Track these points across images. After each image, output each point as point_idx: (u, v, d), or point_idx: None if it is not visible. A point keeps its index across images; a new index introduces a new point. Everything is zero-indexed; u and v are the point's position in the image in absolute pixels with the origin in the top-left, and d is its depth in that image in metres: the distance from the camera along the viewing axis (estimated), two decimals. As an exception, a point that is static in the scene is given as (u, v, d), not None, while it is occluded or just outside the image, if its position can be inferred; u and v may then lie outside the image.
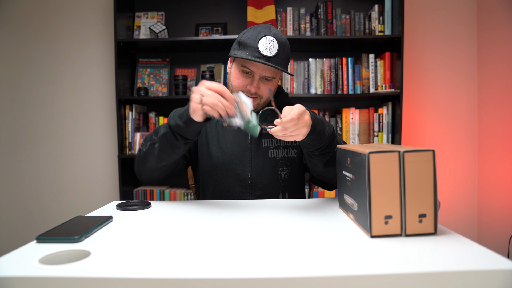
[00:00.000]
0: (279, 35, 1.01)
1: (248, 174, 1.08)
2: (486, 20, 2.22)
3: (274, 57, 0.98)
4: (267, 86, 1.04)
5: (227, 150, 1.10)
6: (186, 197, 2.19)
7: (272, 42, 0.98)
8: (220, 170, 1.09)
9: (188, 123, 0.85)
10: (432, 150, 0.61)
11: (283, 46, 1.01)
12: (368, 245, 0.59)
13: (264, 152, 1.10)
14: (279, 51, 0.99)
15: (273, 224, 0.74)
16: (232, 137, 1.11)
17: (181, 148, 0.93)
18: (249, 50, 0.99)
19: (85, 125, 2.37)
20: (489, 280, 0.48)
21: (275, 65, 0.97)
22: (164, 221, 0.77)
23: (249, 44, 0.99)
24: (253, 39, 0.99)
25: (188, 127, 0.86)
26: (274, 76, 1.03)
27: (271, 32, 1.00)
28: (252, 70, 1.01)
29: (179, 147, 0.92)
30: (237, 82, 1.04)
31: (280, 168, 1.11)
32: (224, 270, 0.50)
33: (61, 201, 2.38)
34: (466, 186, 2.34)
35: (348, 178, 0.74)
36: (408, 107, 2.32)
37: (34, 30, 2.34)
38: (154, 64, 2.32)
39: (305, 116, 0.81)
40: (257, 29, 1.01)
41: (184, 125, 0.86)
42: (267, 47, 0.98)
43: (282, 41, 1.01)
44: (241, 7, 2.23)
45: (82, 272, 0.49)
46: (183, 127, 0.87)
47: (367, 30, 2.17)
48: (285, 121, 0.76)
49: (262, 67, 1.00)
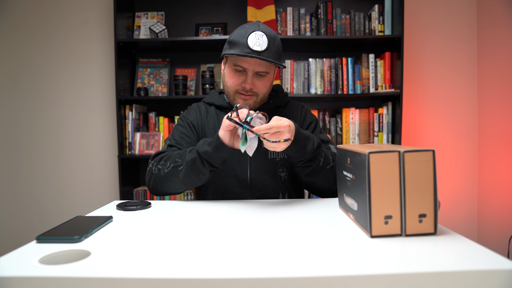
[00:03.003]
0: (267, 30, 1.01)
1: (247, 175, 1.08)
2: (486, 20, 2.22)
3: (264, 51, 0.98)
4: (262, 82, 1.04)
5: None
6: (186, 197, 2.19)
7: (261, 36, 0.98)
8: (220, 171, 1.08)
9: (217, 148, 0.88)
10: (432, 150, 0.61)
11: (273, 40, 1.01)
12: (368, 245, 0.59)
13: (264, 153, 1.09)
14: (269, 45, 0.99)
15: (273, 224, 0.74)
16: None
17: (206, 176, 0.95)
18: (239, 47, 0.99)
19: (85, 125, 2.37)
20: (489, 280, 0.48)
21: (266, 58, 0.97)
22: (164, 221, 0.77)
23: (239, 41, 0.99)
24: (242, 36, 0.99)
25: (217, 153, 0.88)
26: (267, 71, 1.03)
27: (260, 27, 1.00)
28: (245, 67, 1.01)
29: (205, 174, 0.94)
30: (231, 81, 1.04)
31: (280, 169, 1.10)
32: (224, 270, 0.50)
33: (61, 201, 2.38)
34: (466, 186, 2.34)
35: (348, 178, 0.74)
36: (408, 107, 2.32)
37: (34, 30, 2.34)
38: (154, 64, 2.32)
39: (284, 132, 0.82)
40: (245, 27, 1.02)
41: (212, 151, 0.88)
42: (257, 42, 0.98)
43: (272, 35, 1.01)
44: (241, 7, 2.23)
45: (82, 272, 0.49)
46: (211, 153, 0.89)
47: (367, 30, 2.17)
48: (256, 129, 0.80)
49: (254, 62, 1.00)
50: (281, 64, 1.01)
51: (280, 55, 1.05)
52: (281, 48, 1.06)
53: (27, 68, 2.36)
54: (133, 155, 2.15)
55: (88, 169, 2.38)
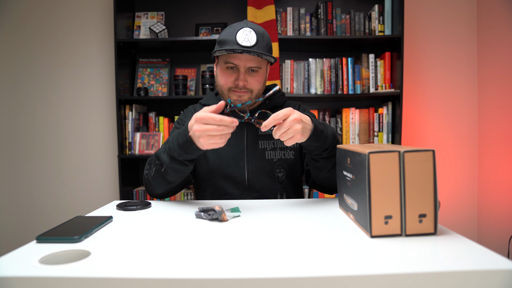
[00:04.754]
0: (255, 27, 1.02)
1: (245, 176, 1.08)
2: (486, 20, 2.22)
3: (254, 46, 0.99)
4: (255, 78, 1.04)
5: (223, 154, 1.09)
6: (186, 197, 2.19)
7: (249, 32, 1.00)
8: (217, 174, 1.09)
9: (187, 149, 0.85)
10: (432, 150, 0.61)
11: (262, 35, 1.02)
12: (368, 245, 0.59)
13: (261, 154, 1.09)
14: (258, 40, 1.00)
15: (273, 224, 0.74)
16: (228, 140, 1.10)
17: (191, 166, 0.92)
18: (228, 44, 1.00)
19: (85, 125, 2.37)
20: (489, 280, 0.48)
21: (256, 51, 0.97)
22: (164, 221, 0.77)
23: (228, 39, 1.00)
24: (231, 34, 1.00)
25: (186, 154, 0.86)
26: (259, 66, 1.03)
27: (247, 24, 1.02)
28: (236, 63, 1.01)
29: (188, 165, 0.91)
30: (224, 80, 1.04)
31: (277, 169, 1.10)
32: (224, 270, 0.50)
33: (61, 201, 2.38)
34: (466, 186, 2.34)
35: (348, 178, 0.74)
36: (408, 107, 2.32)
37: (34, 30, 2.34)
38: (154, 64, 2.32)
39: (293, 115, 0.80)
40: (233, 26, 1.03)
41: (184, 152, 0.85)
42: (245, 38, 0.99)
43: (260, 31, 1.02)
44: (241, 7, 2.23)
45: (82, 272, 0.49)
46: (184, 154, 0.86)
47: (367, 30, 2.17)
48: (265, 124, 0.78)
49: (245, 57, 1.00)
50: (272, 57, 1.02)
51: (270, 49, 1.05)
52: (270, 44, 1.06)
53: (27, 68, 2.36)
54: (133, 155, 2.15)
55: (88, 169, 2.38)
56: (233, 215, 0.80)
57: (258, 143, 1.10)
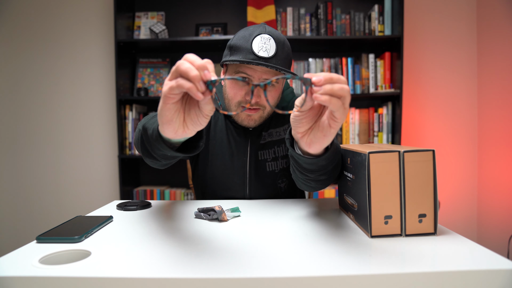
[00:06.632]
0: (275, 33, 0.86)
1: (246, 192, 1.02)
2: (486, 20, 2.22)
3: (272, 57, 0.83)
4: (270, 93, 0.88)
5: (228, 163, 1.01)
6: (186, 197, 2.19)
7: (268, 40, 0.83)
8: (218, 185, 1.03)
9: (156, 138, 0.64)
10: (432, 150, 0.61)
11: (282, 44, 0.86)
12: (368, 245, 0.59)
13: (262, 166, 1.00)
14: (277, 50, 0.84)
15: (273, 224, 0.74)
16: (232, 150, 1.02)
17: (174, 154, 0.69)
18: (242, 53, 0.83)
19: (85, 125, 2.37)
20: (489, 280, 0.48)
21: (275, 65, 0.81)
22: (164, 221, 0.77)
23: (242, 46, 0.84)
24: (246, 40, 0.84)
25: (157, 143, 0.65)
26: (276, 80, 0.88)
27: (266, 30, 0.86)
28: (249, 74, 0.85)
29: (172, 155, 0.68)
30: (233, 92, 0.88)
31: (280, 180, 1.02)
32: (224, 270, 0.50)
33: (61, 201, 2.38)
34: (466, 186, 2.34)
35: (348, 178, 0.74)
36: (408, 107, 2.32)
37: (34, 30, 2.34)
38: (154, 64, 2.32)
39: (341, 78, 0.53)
40: (249, 29, 0.87)
41: (153, 140, 0.65)
42: (263, 47, 0.83)
43: (280, 39, 0.86)
44: (241, 7, 2.23)
45: (82, 272, 0.49)
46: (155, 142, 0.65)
47: (367, 30, 2.17)
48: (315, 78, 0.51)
49: (260, 70, 0.84)
50: (293, 73, 0.80)
51: (290, 62, 0.88)
52: (291, 55, 0.90)
53: (27, 69, 2.36)
54: (133, 155, 2.15)
55: (88, 169, 2.38)
56: (233, 215, 0.80)
57: (258, 154, 1.01)
